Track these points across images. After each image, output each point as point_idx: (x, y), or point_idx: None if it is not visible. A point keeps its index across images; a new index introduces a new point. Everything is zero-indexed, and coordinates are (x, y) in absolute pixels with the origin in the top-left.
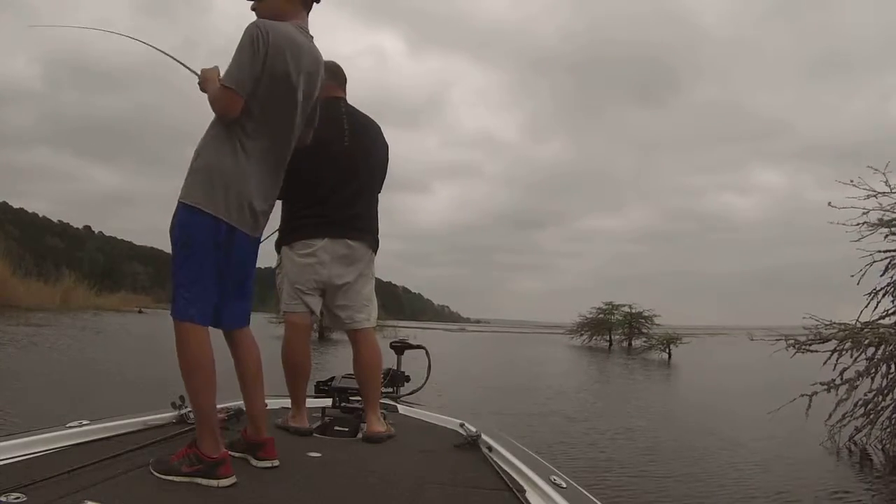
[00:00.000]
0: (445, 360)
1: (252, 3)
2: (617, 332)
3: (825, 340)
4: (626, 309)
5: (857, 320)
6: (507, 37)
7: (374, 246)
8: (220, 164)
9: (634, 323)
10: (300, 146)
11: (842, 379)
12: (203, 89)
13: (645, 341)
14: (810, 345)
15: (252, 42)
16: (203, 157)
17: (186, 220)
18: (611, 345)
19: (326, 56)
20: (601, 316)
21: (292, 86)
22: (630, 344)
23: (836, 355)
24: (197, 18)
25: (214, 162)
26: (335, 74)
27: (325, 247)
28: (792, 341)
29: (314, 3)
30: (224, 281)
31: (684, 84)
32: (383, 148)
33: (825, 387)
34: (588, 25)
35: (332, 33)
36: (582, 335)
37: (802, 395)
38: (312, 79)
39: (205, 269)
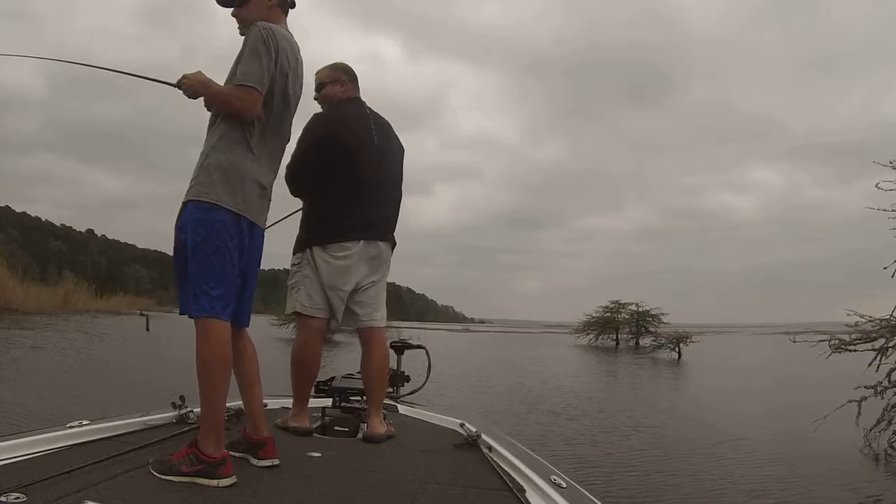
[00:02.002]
0: (452, 362)
1: (233, 8)
2: (624, 331)
3: (871, 339)
4: (633, 307)
5: (893, 314)
6: (501, 42)
7: (394, 246)
8: (234, 160)
9: (641, 322)
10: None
11: (889, 381)
12: (194, 94)
13: (654, 340)
14: (856, 344)
15: (265, 42)
16: (214, 155)
17: (205, 217)
18: (617, 344)
19: (326, 60)
20: (608, 315)
21: (291, 84)
22: (637, 343)
23: (878, 354)
24: (196, 26)
25: (227, 159)
26: (353, 77)
27: (360, 249)
28: (835, 342)
29: (290, 9)
30: (242, 276)
31: (678, 86)
32: (402, 148)
33: (871, 390)
34: (580, 30)
35: (331, 38)
36: (588, 334)
37: (850, 402)
38: (301, 78)
39: (227, 265)
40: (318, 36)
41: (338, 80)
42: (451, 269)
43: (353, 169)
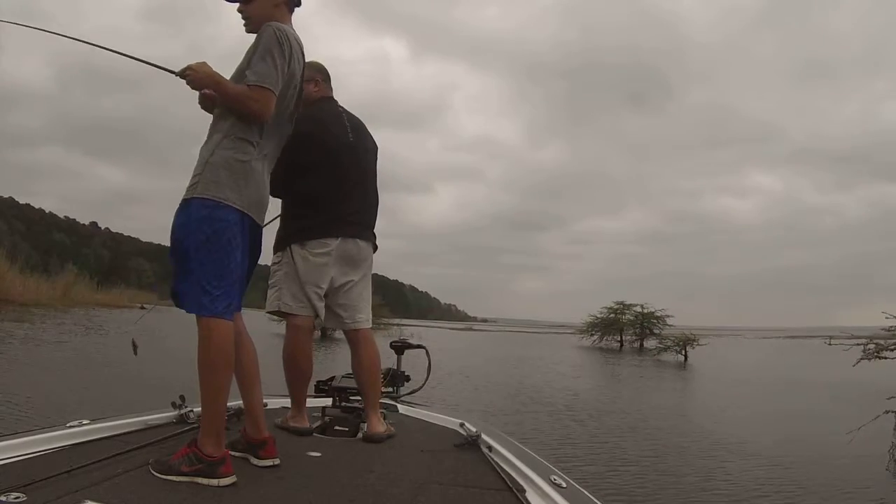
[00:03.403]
0: (458, 361)
1: (239, 4)
2: (628, 332)
3: None
4: (638, 309)
5: None
6: (501, 45)
7: (375, 246)
8: (240, 158)
9: (646, 323)
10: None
11: None
12: (199, 86)
13: (660, 342)
14: (893, 350)
15: (280, 43)
16: (220, 152)
17: (211, 214)
18: (622, 345)
19: (333, 60)
20: (612, 316)
21: (296, 85)
22: (642, 345)
23: None
24: (202, 26)
25: (234, 156)
26: (327, 76)
27: (338, 246)
28: (871, 346)
29: (296, 7)
30: (244, 274)
31: (676, 90)
32: (375, 146)
33: None
34: (577, 34)
35: (337, 38)
36: (592, 335)
37: (887, 412)
38: (303, 78)
39: (231, 264)
40: (324, 37)
41: (312, 79)
42: (453, 268)
43: (329, 167)
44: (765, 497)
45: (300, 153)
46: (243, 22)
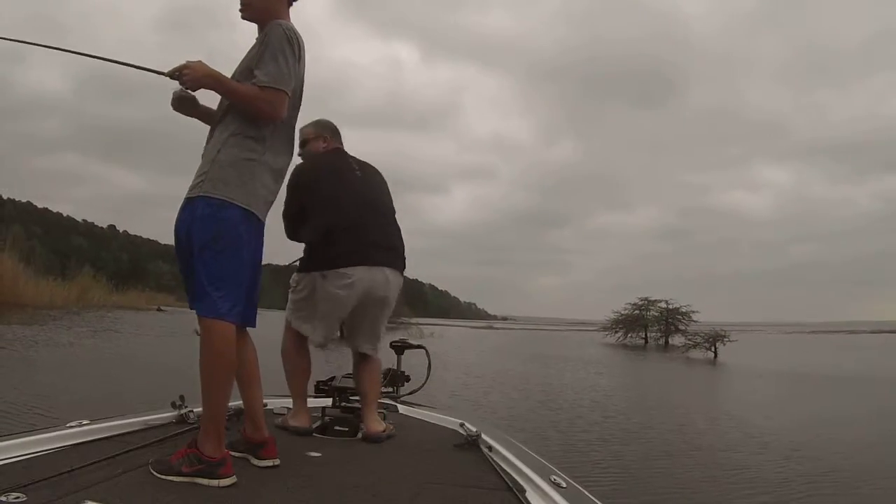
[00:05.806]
0: (486, 363)
1: None
2: (653, 329)
3: None
4: (663, 305)
5: None
6: (511, 49)
7: (402, 271)
8: (248, 157)
9: (671, 319)
10: None
11: None
12: (196, 86)
13: (688, 339)
14: None
15: (290, 44)
16: (227, 151)
17: (216, 214)
18: (646, 342)
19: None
20: (636, 312)
21: (301, 83)
22: (667, 341)
23: None
24: (218, 34)
25: (242, 155)
26: (335, 132)
27: (360, 276)
28: None
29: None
30: (251, 275)
31: (682, 89)
32: (386, 184)
33: None
34: (585, 38)
35: (349, 42)
36: (616, 332)
37: None
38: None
39: (237, 264)
40: (336, 41)
41: (320, 136)
42: (471, 266)
43: (342, 199)
44: None
45: (310, 196)
46: (240, 7)
